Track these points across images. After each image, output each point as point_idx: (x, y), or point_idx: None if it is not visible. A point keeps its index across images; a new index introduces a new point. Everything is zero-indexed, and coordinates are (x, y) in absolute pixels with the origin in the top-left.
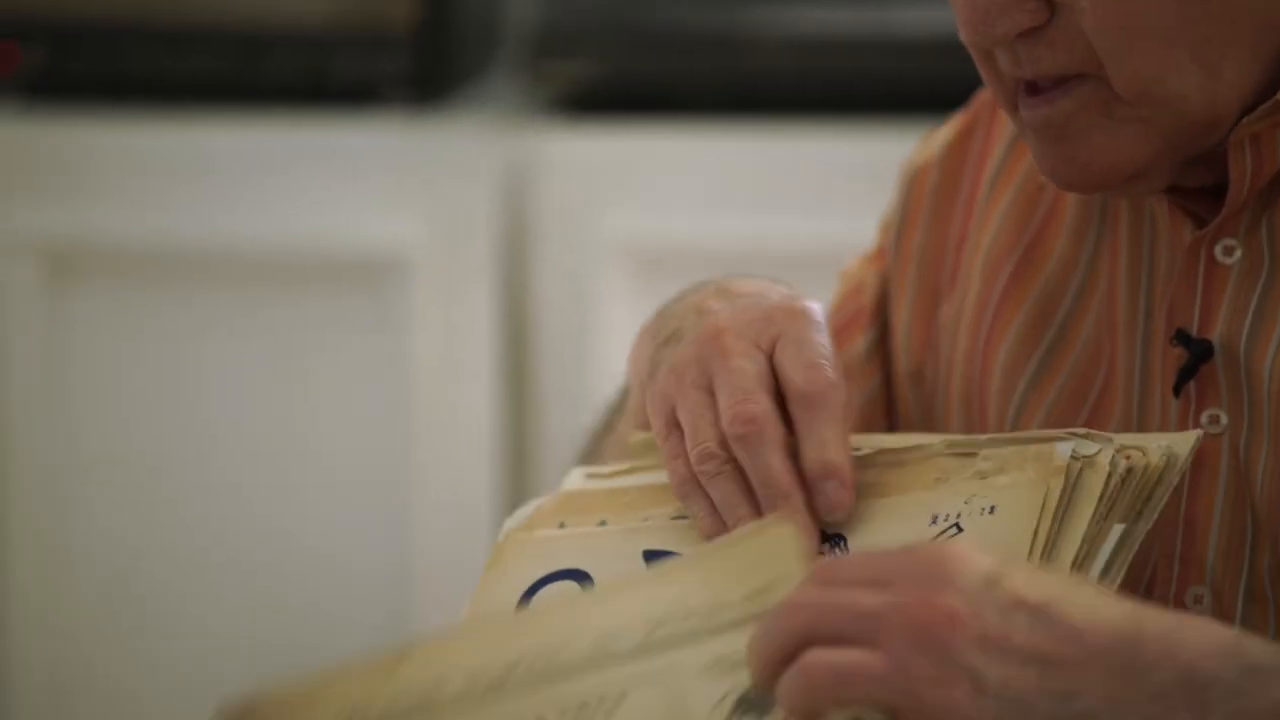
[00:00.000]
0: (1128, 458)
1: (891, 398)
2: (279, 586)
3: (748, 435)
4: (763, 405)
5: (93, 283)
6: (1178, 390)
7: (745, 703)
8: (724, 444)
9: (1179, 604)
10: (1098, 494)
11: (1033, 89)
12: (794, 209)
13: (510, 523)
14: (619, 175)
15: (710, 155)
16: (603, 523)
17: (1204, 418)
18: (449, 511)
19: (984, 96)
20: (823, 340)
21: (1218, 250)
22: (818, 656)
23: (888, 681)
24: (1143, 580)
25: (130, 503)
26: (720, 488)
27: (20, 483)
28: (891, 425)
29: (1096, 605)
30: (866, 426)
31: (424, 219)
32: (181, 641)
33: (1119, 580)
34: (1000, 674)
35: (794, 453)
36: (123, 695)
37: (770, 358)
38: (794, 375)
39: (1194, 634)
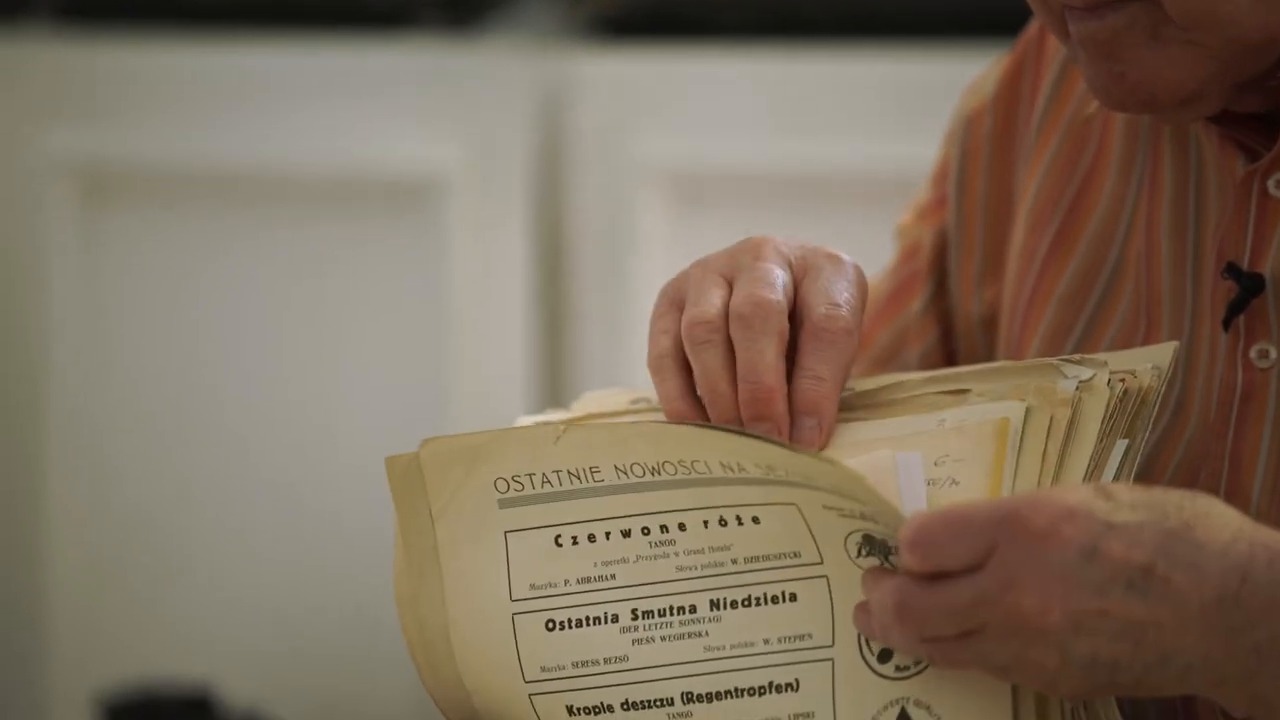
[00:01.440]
0: (1123, 380)
1: (952, 350)
2: (314, 507)
3: (752, 316)
4: (777, 300)
5: (127, 205)
6: (1227, 325)
7: (871, 542)
8: (724, 320)
9: None
10: (1100, 415)
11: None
12: (830, 132)
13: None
14: (655, 98)
15: (746, 78)
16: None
17: (1253, 352)
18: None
19: (1029, 34)
20: (850, 289)
21: (1270, 184)
22: (931, 648)
23: (983, 662)
24: None
25: (165, 424)
26: (707, 357)
27: (56, 404)
28: None
29: (1201, 559)
30: None
31: (459, 141)
32: (216, 557)
33: None
34: (1088, 647)
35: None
36: (155, 612)
37: (798, 283)
38: (815, 305)
39: None
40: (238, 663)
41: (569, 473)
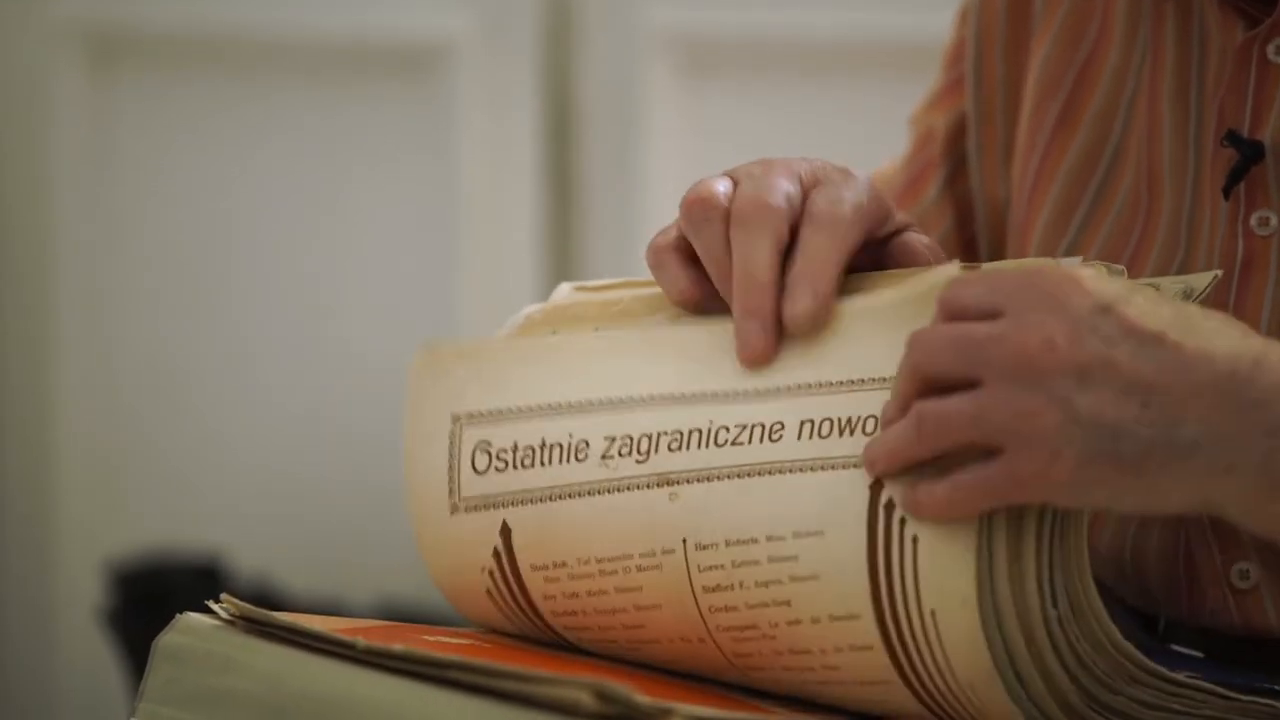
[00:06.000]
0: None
1: (971, 236)
2: (323, 377)
3: (751, 216)
4: (778, 205)
5: (135, 70)
6: (1227, 192)
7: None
8: (725, 204)
9: None
10: None
11: None
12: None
13: (501, 331)
14: None
15: None
16: (596, 330)
17: (1254, 219)
18: (492, 300)
19: None
20: (858, 193)
21: (1270, 49)
22: (923, 407)
23: (981, 421)
24: None
25: (174, 292)
26: (708, 233)
27: (65, 272)
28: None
29: (1214, 338)
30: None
31: (469, 8)
32: (225, 426)
33: None
34: (1094, 401)
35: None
36: (164, 481)
37: (806, 195)
38: (815, 202)
39: None
40: (246, 532)
41: None
